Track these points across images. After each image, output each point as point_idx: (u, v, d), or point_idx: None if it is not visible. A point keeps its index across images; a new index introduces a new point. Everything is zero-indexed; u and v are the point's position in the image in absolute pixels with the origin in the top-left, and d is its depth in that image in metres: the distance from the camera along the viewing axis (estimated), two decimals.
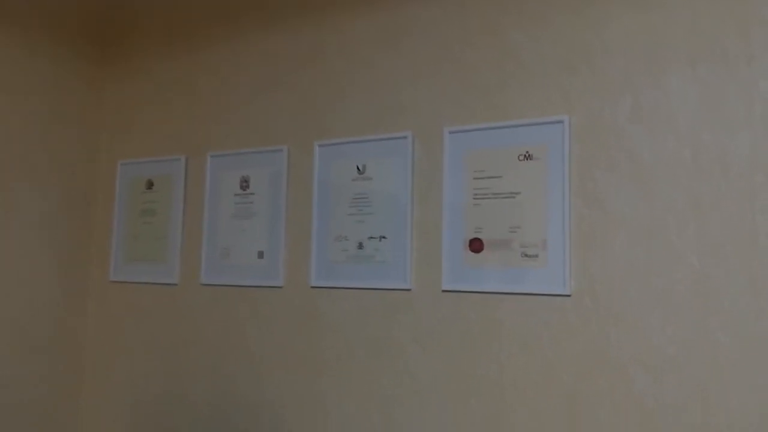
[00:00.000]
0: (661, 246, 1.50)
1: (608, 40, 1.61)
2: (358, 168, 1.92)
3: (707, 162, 1.47)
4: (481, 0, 1.79)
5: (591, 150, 1.60)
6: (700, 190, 1.47)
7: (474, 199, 1.73)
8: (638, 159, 1.54)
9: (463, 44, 1.81)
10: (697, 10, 1.51)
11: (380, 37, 1.95)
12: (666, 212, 1.50)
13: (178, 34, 2.38)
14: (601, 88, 1.60)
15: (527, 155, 1.67)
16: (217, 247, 2.17)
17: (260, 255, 2.07)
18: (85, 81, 2.49)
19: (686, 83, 1.51)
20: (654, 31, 1.55)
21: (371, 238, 1.88)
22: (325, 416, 1.92)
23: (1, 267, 2.21)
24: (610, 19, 1.61)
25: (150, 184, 2.36)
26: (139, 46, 2.49)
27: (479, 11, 1.79)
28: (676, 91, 1.52)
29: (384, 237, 1.86)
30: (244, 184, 2.13)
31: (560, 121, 1.63)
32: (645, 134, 1.54)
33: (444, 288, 1.75)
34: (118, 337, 2.39)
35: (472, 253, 1.72)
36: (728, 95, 1.46)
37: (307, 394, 1.96)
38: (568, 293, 1.58)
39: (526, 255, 1.64)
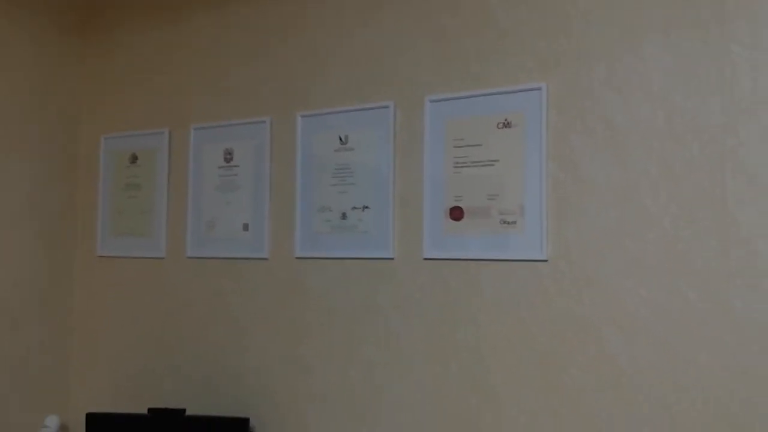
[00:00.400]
0: (635, 210, 1.54)
1: (584, 8, 1.62)
2: (340, 138, 1.94)
3: (680, 127, 1.50)
4: None
5: (567, 117, 1.63)
6: (672, 154, 1.51)
7: (454, 167, 1.75)
8: (613, 125, 1.57)
9: (442, 13, 1.82)
10: None
11: (361, 8, 1.95)
12: (639, 177, 1.54)
13: (160, 5, 2.37)
14: (577, 55, 1.62)
15: (506, 123, 1.69)
16: (202, 220, 2.19)
17: (245, 227, 2.10)
18: (66, 53, 2.48)
19: (660, 49, 1.53)
20: None
21: (354, 208, 1.90)
22: (308, 380, 1.96)
23: None
24: None
25: (134, 158, 2.36)
26: (120, 18, 2.47)
27: None
28: (651, 57, 1.54)
29: (367, 207, 1.88)
30: (228, 156, 2.14)
31: (537, 89, 1.65)
32: (620, 100, 1.57)
33: (425, 256, 1.78)
34: (105, 310, 2.41)
35: (453, 221, 1.75)
36: (700, 60, 1.49)
37: (290, 360, 2.00)
38: (544, 258, 1.62)
39: (505, 222, 1.68)
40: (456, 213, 1.75)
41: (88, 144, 2.52)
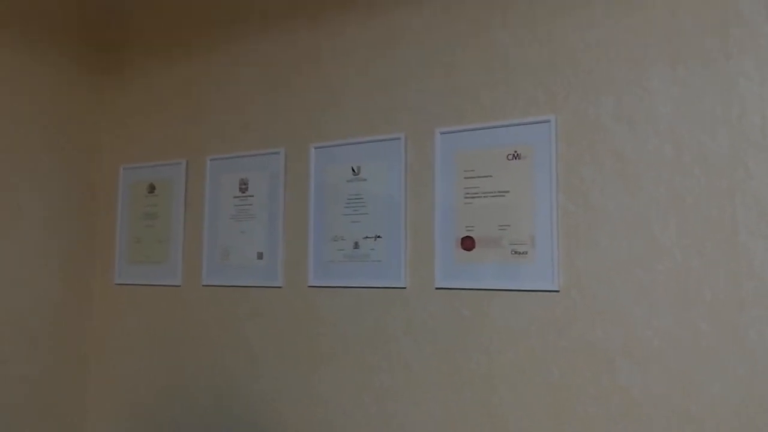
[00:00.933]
0: (645, 241, 1.55)
1: (592, 42, 1.66)
2: (353, 169, 1.97)
3: (688, 159, 1.52)
4: (468, 4, 1.84)
5: (576, 148, 1.65)
6: (681, 186, 1.52)
7: (465, 198, 1.78)
8: (622, 157, 1.59)
9: (451, 47, 1.86)
10: (677, 11, 1.55)
11: (373, 42, 2.00)
12: (649, 208, 1.55)
13: (177, 40, 2.44)
14: (585, 88, 1.65)
15: (515, 154, 1.72)
16: (218, 249, 2.22)
17: (260, 256, 2.13)
18: (87, 87, 2.55)
19: (667, 82, 1.56)
20: (635, 33, 1.60)
21: (366, 237, 1.93)
22: (321, 408, 1.98)
23: (6, 271, 2.27)
24: (593, 22, 1.66)
25: (152, 188, 2.41)
26: (138, 52, 2.55)
27: (466, 15, 1.84)
28: (658, 90, 1.56)
29: (379, 236, 1.91)
30: (243, 186, 2.19)
31: (547, 121, 1.68)
32: (628, 132, 1.59)
33: (437, 285, 1.80)
34: (122, 337, 2.45)
35: (464, 251, 1.77)
36: (707, 94, 1.51)
37: (304, 388, 2.01)
38: (556, 288, 1.63)
39: (516, 252, 1.69)
40: (467, 243, 1.77)
41: (107, 174, 2.58)
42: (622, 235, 1.58)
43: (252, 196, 2.17)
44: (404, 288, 1.86)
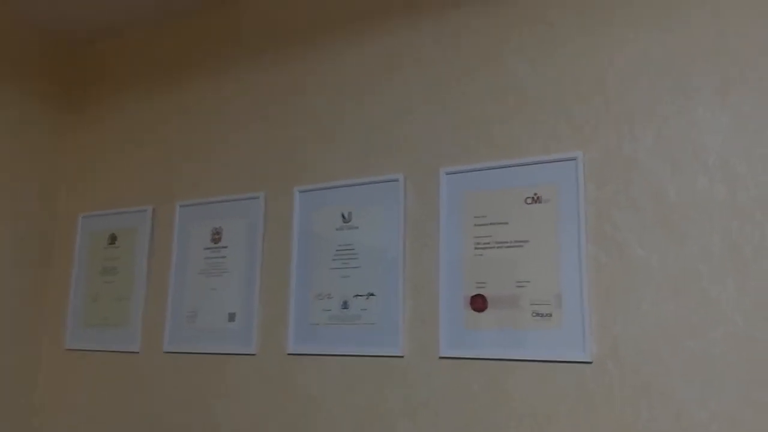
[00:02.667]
0: (696, 301, 1.27)
1: (623, 66, 1.42)
2: (342, 216, 1.70)
3: (746, 201, 1.26)
4: (478, 28, 1.62)
5: (609, 190, 1.39)
6: (739, 234, 1.26)
7: (475, 249, 1.50)
8: (664, 199, 1.33)
9: (459, 76, 1.63)
10: (726, 28, 1.33)
11: (368, 70, 1.77)
12: (700, 261, 1.28)
13: (147, 76, 2.20)
14: (617, 119, 1.41)
15: (535, 197, 1.45)
16: (184, 309, 1.91)
17: (231, 317, 1.82)
18: (46, 125, 2.30)
19: (716, 111, 1.32)
20: (676, 54, 1.37)
21: (357, 295, 1.64)
22: None
23: None
24: (624, 42, 1.43)
25: (113, 239, 2.12)
26: (102, 89, 2.31)
27: (476, 40, 1.62)
28: (705, 121, 1.32)
29: (372, 294, 1.62)
30: (216, 236, 1.90)
31: (572, 158, 1.42)
32: (670, 170, 1.34)
33: (442, 354, 1.49)
34: (72, 410, 2.09)
35: (474, 313, 1.48)
36: (766, 123, 1.27)
37: None
38: (588, 360, 1.33)
39: (538, 314, 1.40)
40: (478, 302, 1.48)
41: (63, 223, 2.28)
42: (667, 294, 1.30)
43: (225, 247, 1.88)
44: (402, 357, 1.55)
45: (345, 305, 1.65)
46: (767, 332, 1.20)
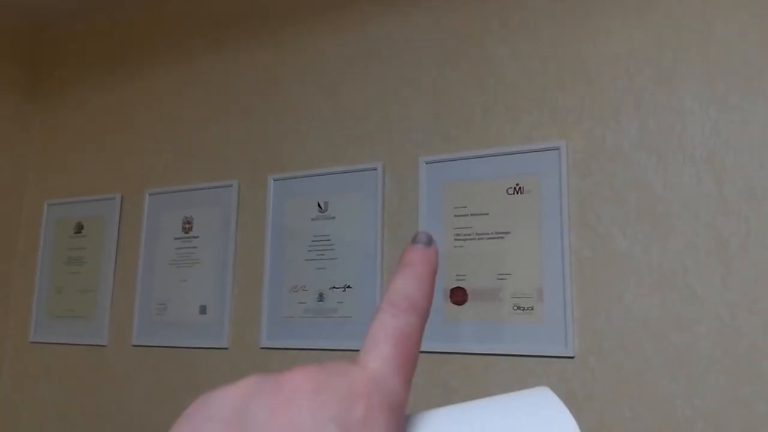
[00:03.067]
0: (682, 295, 1.24)
1: (607, 54, 1.38)
2: (319, 205, 1.64)
3: (732, 194, 1.23)
4: (459, 15, 1.57)
5: (592, 181, 1.35)
6: (725, 227, 1.23)
7: (455, 240, 1.46)
8: (649, 191, 1.30)
9: (440, 63, 1.57)
10: (714, 15, 1.30)
11: (346, 58, 1.70)
12: (685, 254, 1.25)
13: (115, 61, 2.11)
14: (601, 109, 1.37)
15: (517, 188, 1.41)
16: (153, 302, 1.84)
17: (202, 310, 1.75)
18: (11, 111, 2.19)
19: (703, 102, 1.28)
20: (661, 42, 1.34)
21: (334, 288, 1.58)
22: None
23: None
24: (608, 30, 1.39)
25: (79, 228, 2.04)
26: (72, 74, 2.21)
27: (457, 27, 1.57)
28: (691, 112, 1.29)
29: (349, 287, 1.56)
30: (187, 225, 1.83)
31: (555, 148, 1.38)
32: (656, 162, 1.30)
33: (420, 349, 1.45)
34: (37, 405, 2.01)
35: (454, 306, 1.43)
36: (755, 115, 1.23)
37: None
38: (570, 354, 1.30)
39: (519, 308, 1.36)
40: (458, 296, 1.43)
41: (28, 211, 2.19)
42: (651, 288, 1.26)
43: (197, 237, 1.81)
44: None
45: (321, 298, 1.60)
46: (753, 327, 1.18)
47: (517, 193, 1.41)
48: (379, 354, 0.20)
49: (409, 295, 0.21)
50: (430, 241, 0.23)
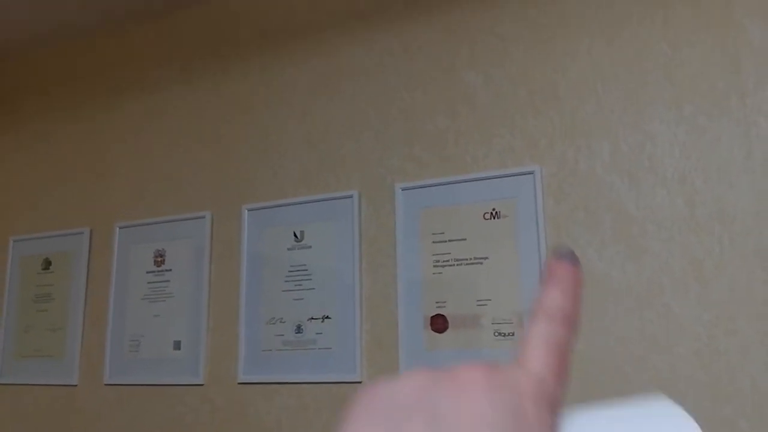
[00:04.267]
0: (659, 316, 1.25)
1: (574, 78, 1.40)
2: (294, 235, 1.62)
3: (704, 215, 1.25)
4: (428, 41, 1.58)
5: (568, 204, 1.36)
6: (699, 247, 1.24)
7: (434, 266, 1.45)
8: (623, 213, 1.31)
9: (411, 89, 1.58)
10: (677, 39, 1.32)
11: (316, 85, 1.70)
12: (661, 275, 1.26)
13: (80, 89, 2.07)
14: (572, 132, 1.39)
15: (494, 213, 1.41)
16: (125, 338, 1.79)
17: (177, 345, 1.71)
18: None
19: (671, 124, 1.30)
20: (629, 65, 1.36)
21: (312, 319, 1.56)
22: None
23: None
24: (575, 55, 1.41)
25: (47, 264, 1.98)
26: (35, 105, 2.16)
27: (427, 52, 1.57)
28: (660, 134, 1.31)
29: (327, 317, 1.54)
30: (159, 259, 1.79)
31: (530, 173, 1.39)
32: (628, 184, 1.32)
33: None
34: None
35: (435, 334, 1.42)
36: (721, 136, 1.26)
37: None
38: None
39: (500, 333, 1.36)
40: (438, 323, 1.42)
41: None
42: (630, 309, 1.27)
43: (169, 270, 1.77)
44: (360, 383, 1.48)
45: (299, 329, 1.57)
46: (731, 346, 1.19)
47: (494, 218, 1.41)
48: (540, 360, 0.21)
49: (563, 308, 0.23)
50: (575, 259, 0.25)
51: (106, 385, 1.80)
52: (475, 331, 1.38)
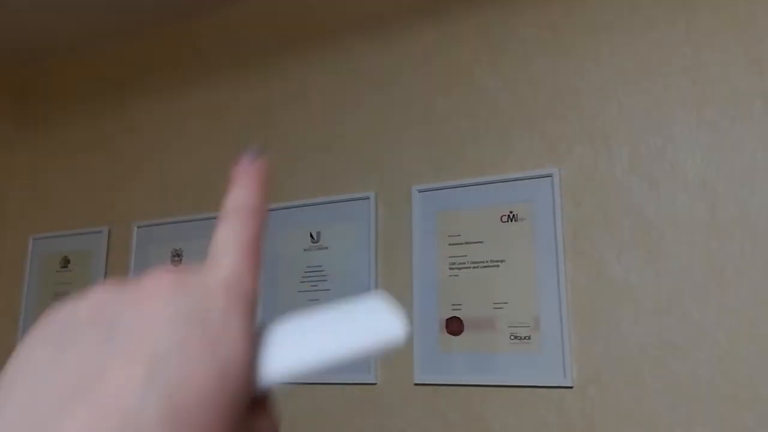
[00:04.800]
0: (679, 321, 1.23)
1: (596, 82, 1.39)
2: (311, 236, 1.63)
3: (726, 219, 1.23)
4: (450, 45, 1.58)
5: (586, 208, 1.35)
6: (720, 253, 1.23)
7: (450, 269, 1.44)
8: (642, 217, 1.30)
9: (432, 93, 1.58)
10: (700, 42, 1.31)
11: (336, 88, 1.70)
12: (681, 280, 1.24)
13: (101, 92, 2.10)
14: (592, 136, 1.38)
15: (511, 216, 1.40)
16: None
17: None
18: None
19: (692, 128, 1.29)
20: (650, 70, 1.35)
21: None
22: None
23: None
24: (597, 59, 1.41)
25: (66, 262, 2.00)
26: (54, 107, 2.19)
27: (449, 57, 1.57)
28: (681, 138, 1.30)
29: None
30: (176, 258, 1.80)
31: (548, 176, 1.38)
32: (648, 188, 1.30)
33: (416, 381, 1.42)
34: None
35: (450, 336, 1.41)
36: (744, 140, 1.25)
37: None
38: (569, 384, 1.28)
39: (516, 337, 1.35)
40: (454, 325, 1.41)
41: (13, 245, 2.15)
42: (649, 314, 1.26)
43: None
44: (375, 384, 1.48)
45: None
46: (751, 352, 1.17)
47: (511, 220, 1.40)
48: (231, 254, 0.21)
49: (247, 202, 0.23)
50: (256, 153, 0.25)
51: None
52: (491, 334, 1.37)
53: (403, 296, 1.49)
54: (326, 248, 1.60)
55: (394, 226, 1.54)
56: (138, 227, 1.88)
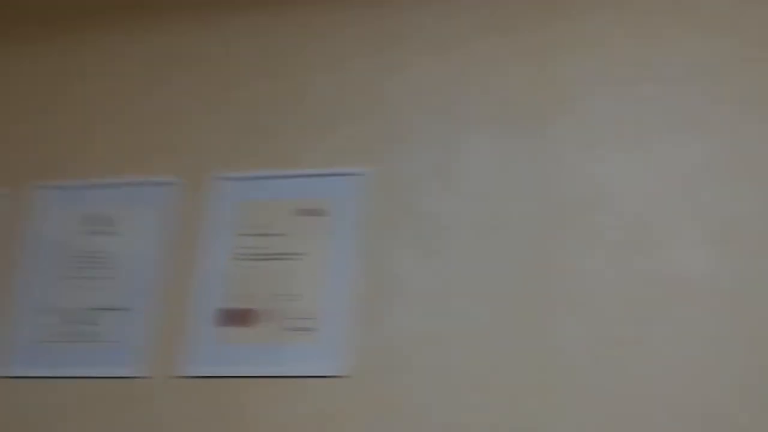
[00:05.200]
0: (447, 316, 1.31)
1: (403, 86, 1.49)
2: (93, 219, 1.50)
3: (497, 221, 1.35)
4: (267, 32, 1.61)
5: (382, 208, 1.41)
6: (488, 258, 1.34)
7: (240, 260, 1.41)
8: (432, 219, 1.38)
9: (246, 80, 1.57)
10: (490, 69, 1.47)
11: (145, 66, 1.64)
12: (452, 278, 1.33)
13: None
14: (398, 137, 1.46)
15: (309, 210, 1.42)
16: None
17: None
18: None
19: (487, 142, 1.42)
20: (445, 78, 1.48)
21: (94, 309, 1.43)
22: None
23: None
24: (408, 64, 1.51)
25: None
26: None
27: (263, 44, 1.60)
28: (468, 143, 1.42)
29: (118, 308, 1.42)
30: None
31: (352, 174, 1.43)
32: (441, 191, 1.40)
33: (190, 374, 1.34)
34: None
35: (230, 328, 1.37)
36: (520, 156, 1.39)
37: None
38: (342, 374, 1.29)
39: (298, 329, 1.34)
40: (235, 317, 1.37)
41: None
42: (421, 310, 1.32)
43: None
44: (146, 378, 1.37)
45: (84, 320, 1.43)
46: (503, 345, 1.26)
47: (309, 215, 1.42)
48: None
49: None
50: None
51: None
52: (271, 325, 1.35)
53: (184, 286, 1.41)
54: (109, 233, 1.49)
55: (186, 213, 1.48)
56: None
